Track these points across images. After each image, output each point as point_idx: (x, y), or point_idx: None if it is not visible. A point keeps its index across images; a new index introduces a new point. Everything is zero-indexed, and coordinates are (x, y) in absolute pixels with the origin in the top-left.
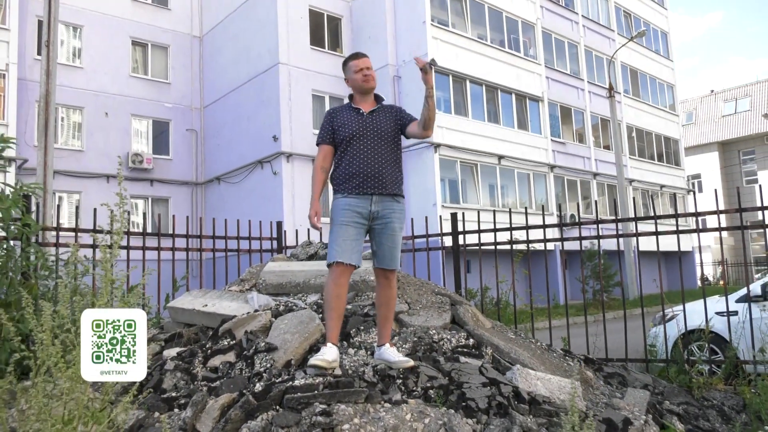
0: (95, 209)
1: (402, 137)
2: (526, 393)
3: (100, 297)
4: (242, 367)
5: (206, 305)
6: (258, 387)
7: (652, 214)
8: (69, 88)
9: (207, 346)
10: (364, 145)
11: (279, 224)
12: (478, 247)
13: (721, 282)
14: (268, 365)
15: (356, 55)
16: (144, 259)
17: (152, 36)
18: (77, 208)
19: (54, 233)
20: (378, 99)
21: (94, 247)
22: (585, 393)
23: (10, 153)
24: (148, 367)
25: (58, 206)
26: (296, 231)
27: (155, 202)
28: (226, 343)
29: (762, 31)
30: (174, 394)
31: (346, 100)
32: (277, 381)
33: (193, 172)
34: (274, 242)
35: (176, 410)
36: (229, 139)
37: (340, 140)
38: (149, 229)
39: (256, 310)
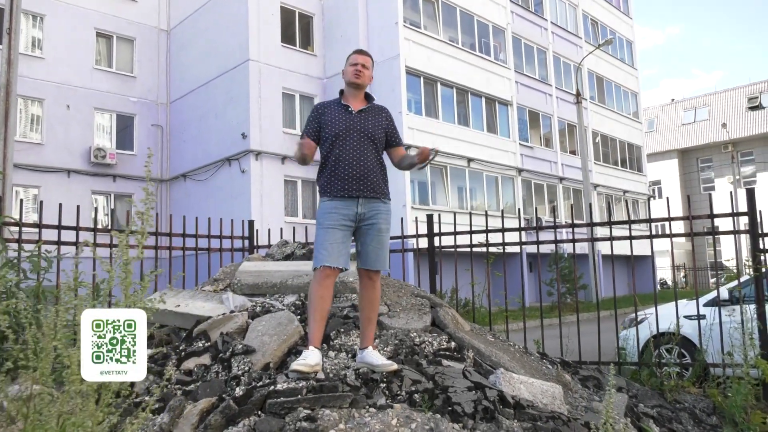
0: (60, 204)
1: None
2: (510, 397)
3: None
4: (218, 370)
5: (179, 305)
6: (238, 391)
7: (616, 218)
8: (28, 79)
9: (180, 348)
10: (350, 145)
11: (251, 223)
12: (454, 249)
13: (686, 287)
14: (246, 368)
15: (358, 51)
16: (111, 258)
17: (117, 28)
18: (41, 203)
19: (14, 228)
20: (369, 98)
21: (59, 244)
22: (565, 397)
23: None
24: None
25: (22, 201)
26: (268, 230)
27: (118, 198)
28: (200, 344)
29: (718, 45)
30: (147, 398)
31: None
32: (258, 385)
33: (159, 168)
34: (245, 241)
35: (150, 415)
36: (196, 136)
37: (326, 137)
38: (115, 227)
39: (232, 311)
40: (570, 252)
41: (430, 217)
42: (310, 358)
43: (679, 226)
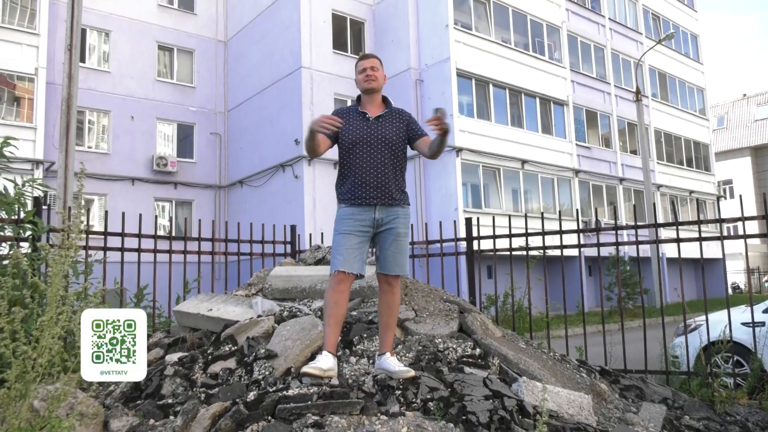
0: (106, 212)
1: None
2: (531, 407)
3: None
4: (241, 374)
5: (211, 309)
6: (251, 396)
7: (682, 220)
8: (97, 92)
9: (208, 351)
10: (368, 153)
11: (293, 228)
12: (493, 253)
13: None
14: (267, 373)
15: (363, 56)
16: (155, 262)
17: (178, 41)
18: (88, 210)
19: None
20: (387, 103)
21: (104, 249)
22: (597, 407)
23: (29, 155)
24: (149, 372)
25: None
26: (310, 235)
27: (179, 205)
28: (227, 348)
29: None
30: (171, 401)
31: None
32: (271, 390)
33: (217, 175)
34: (288, 246)
35: (171, 417)
36: (251, 143)
37: (343, 145)
38: (174, 233)
39: (259, 316)
40: (631, 255)
41: (468, 221)
42: (323, 362)
43: (753, 227)
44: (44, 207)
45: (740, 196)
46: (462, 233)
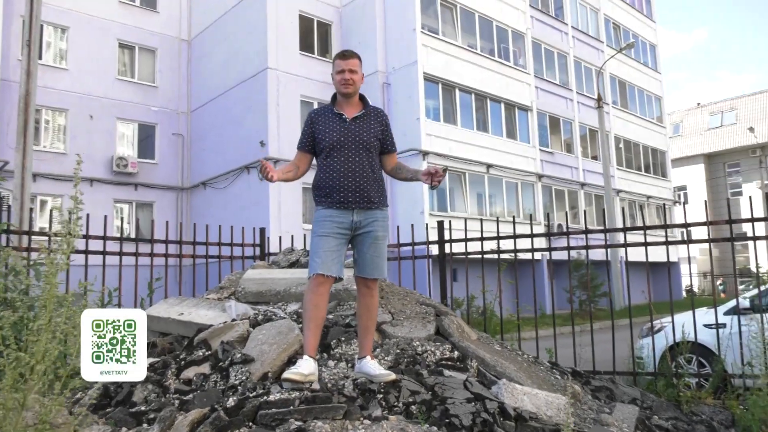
0: (51, 210)
1: None
2: (512, 409)
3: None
4: (217, 380)
5: (182, 313)
6: (230, 402)
7: (640, 224)
8: (53, 90)
9: (181, 356)
10: (346, 156)
11: (262, 230)
12: (464, 256)
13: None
14: (244, 378)
15: (342, 54)
16: (121, 265)
17: (140, 39)
18: (51, 211)
19: (37, 237)
20: (364, 101)
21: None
22: (572, 408)
23: None
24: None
25: (31, 210)
26: (279, 238)
27: (140, 207)
28: (201, 353)
29: (746, 48)
30: (144, 408)
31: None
32: (251, 395)
33: (179, 176)
34: (257, 249)
35: (145, 425)
36: (215, 144)
37: (321, 149)
38: (133, 235)
39: (233, 320)
40: (593, 259)
41: (440, 224)
42: (304, 367)
43: (698, 232)
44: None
45: (705, 201)
46: (428, 237)
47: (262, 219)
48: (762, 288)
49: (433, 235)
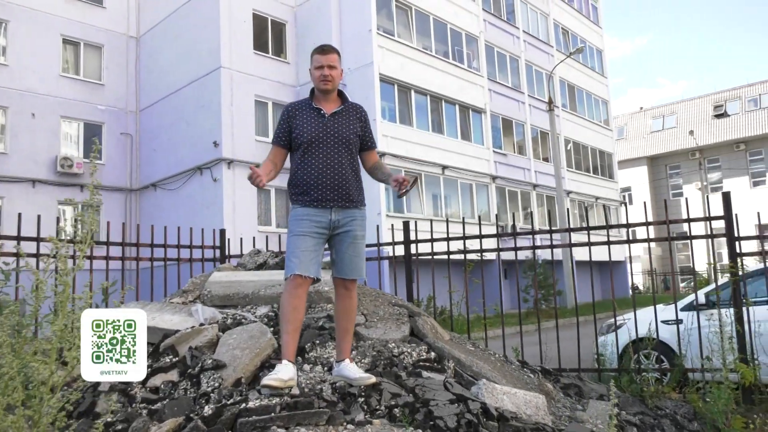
0: (19, 214)
1: None
2: (494, 409)
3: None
4: (187, 387)
5: None
6: (207, 410)
7: (587, 225)
8: None
9: (147, 364)
10: (324, 152)
11: (222, 232)
12: (430, 257)
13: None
14: (217, 384)
15: (320, 49)
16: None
17: (85, 35)
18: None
19: None
20: (342, 97)
21: (17, 255)
22: (548, 406)
23: None
24: (79, 390)
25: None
26: (240, 240)
27: (85, 209)
28: (168, 360)
29: (684, 55)
30: (109, 419)
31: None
32: (228, 403)
33: (128, 177)
34: (217, 251)
35: None
36: (166, 145)
37: (298, 145)
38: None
39: (201, 324)
40: (545, 258)
41: (406, 224)
42: (283, 373)
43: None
44: None
45: (644, 203)
46: (393, 238)
47: (216, 221)
48: (717, 284)
49: (398, 236)
